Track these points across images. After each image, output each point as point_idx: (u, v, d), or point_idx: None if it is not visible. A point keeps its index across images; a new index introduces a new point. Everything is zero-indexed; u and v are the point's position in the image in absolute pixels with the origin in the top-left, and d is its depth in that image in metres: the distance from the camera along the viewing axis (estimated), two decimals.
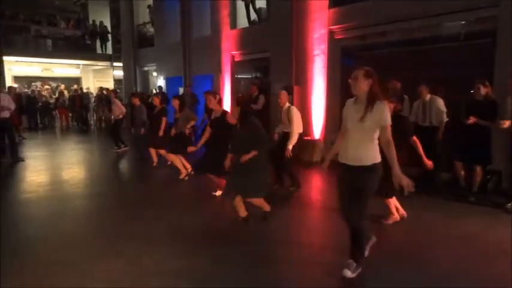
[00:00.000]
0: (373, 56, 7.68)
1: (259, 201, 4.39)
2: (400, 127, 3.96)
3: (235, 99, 4.33)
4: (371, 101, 2.91)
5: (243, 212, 4.39)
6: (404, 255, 3.57)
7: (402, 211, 4.44)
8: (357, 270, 3.14)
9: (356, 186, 3.02)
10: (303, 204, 5.25)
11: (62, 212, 4.94)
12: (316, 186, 6.62)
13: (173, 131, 6.79)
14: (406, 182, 2.88)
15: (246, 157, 4.07)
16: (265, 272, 3.26)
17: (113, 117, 9.97)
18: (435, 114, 5.62)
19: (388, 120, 2.92)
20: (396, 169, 2.90)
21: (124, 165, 8.71)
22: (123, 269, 3.29)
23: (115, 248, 3.73)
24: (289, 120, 5.50)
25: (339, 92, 8.25)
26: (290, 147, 5.35)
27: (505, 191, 5.30)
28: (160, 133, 7.17)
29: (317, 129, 8.54)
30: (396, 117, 3.96)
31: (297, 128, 5.50)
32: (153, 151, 7.62)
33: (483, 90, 5.02)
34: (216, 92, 5.68)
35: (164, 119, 7.21)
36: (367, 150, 2.99)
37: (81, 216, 4.85)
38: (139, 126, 8.67)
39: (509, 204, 4.81)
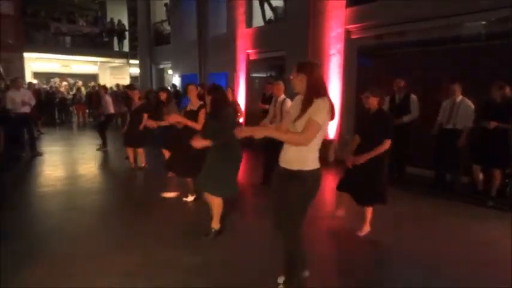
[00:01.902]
0: (391, 56, 7.58)
1: (215, 202, 3.81)
2: (382, 122, 3.84)
3: (207, 88, 3.89)
4: (308, 99, 2.50)
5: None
6: (422, 259, 3.52)
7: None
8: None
9: (281, 193, 2.63)
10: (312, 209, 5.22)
11: (78, 206, 5.03)
12: (329, 187, 6.57)
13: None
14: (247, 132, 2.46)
15: (199, 143, 3.60)
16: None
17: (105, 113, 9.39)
18: (462, 117, 5.34)
19: (315, 116, 2.44)
20: (267, 132, 2.51)
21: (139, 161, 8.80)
22: (138, 263, 3.33)
23: (130, 242, 3.78)
24: (281, 114, 5.11)
25: (355, 93, 8.18)
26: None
27: None
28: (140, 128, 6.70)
29: (331, 130, 8.48)
30: (379, 112, 3.94)
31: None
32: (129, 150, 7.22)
33: (501, 92, 4.90)
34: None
35: (145, 115, 6.70)
36: (294, 152, 2.55)
37: (97, 210, 4.94)
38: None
39: None
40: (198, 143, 3.62)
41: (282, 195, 2.61)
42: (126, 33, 20.50)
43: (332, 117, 2.58)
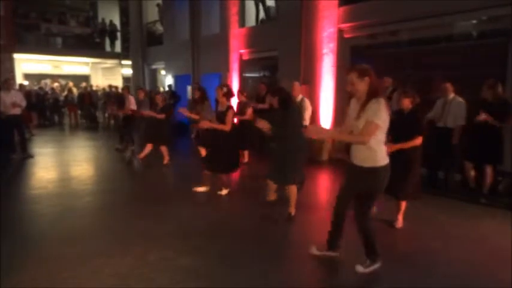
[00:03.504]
0: (383, 55, 7.62)
1: (292, 190, 4.39)
2: (416, 121, 4.06)
3: (272, 91, 4.44)
4: (367, 99, 2.83)
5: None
6: (416, 257, 3.53)
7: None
8: (370, 267, 3.15)
9: (358, 186, 3.05)
10: (309, 204, 5.22)
11: (71, 208, 4.98)
12: (323, 186, 6.58)
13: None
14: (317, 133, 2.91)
15: (263, 125, 4.11)
16: (273, 270, 3.25)
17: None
18: (453, 115, 5.39)
19: (373, 117, 2.75)
20: (333, 135, 3.13)
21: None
22: (131, 265, 3.31)
23: (124, 244, 3.75)
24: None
25: (348, 92, 8.20)
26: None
27: None
28: None
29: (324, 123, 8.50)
30: (412, 112, 4.14)
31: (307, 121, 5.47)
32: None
33: (492, 90, 4.94)
34: (225, 85, 5.54)
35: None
36: (365, 151, 2.92)
37: (90, 213, 4.88)
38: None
39: None
40: (263, 124, 4.10)
41: (358, 187, 3.04)
42: (118, 33, 20.37)
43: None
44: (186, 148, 8.10)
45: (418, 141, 4.00)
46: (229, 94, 5.19)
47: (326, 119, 8.52)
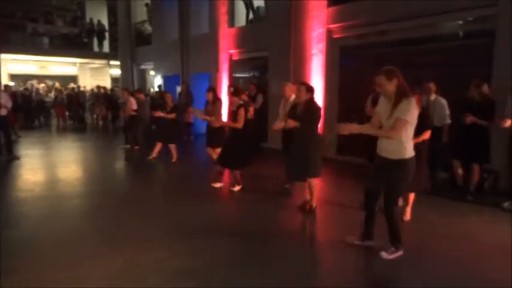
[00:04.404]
0: (372, 55, 7.68)
1: (314, 183, 4.58)
2: (423, 118, 4.01)
3: (302, 84, 4.59)
4: (398, 99, 3.07)
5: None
6: (404, 254, 3.56)
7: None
8: (394, 254, 3.35)
9: (387, 178, 3.26)
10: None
11: (59, 210, 4.91)
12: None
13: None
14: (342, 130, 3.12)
15: (292, 124, 4.35)
16: (269, 271, 3.25)
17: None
18: (437, 115, 5.40)
19: (404, 115, 3.03)
20: (364, 130, 3.24)
21: (120, 163, 8.68)
22: (122, 267, 3.27)
23: (115, 246, 3.71)
24: None
25: (337, 92, 8.26)
26: None
27: (502, 191, 5.31)
28: None
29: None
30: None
31: None
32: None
33: (479, 90, 5.02)
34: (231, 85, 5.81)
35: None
36: (394, 145, 3.16)
37: (79, 215, 4.82)
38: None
39: (506, 203, 4.83)
40: (292, 123, 4.34)
41: (389, 179, 3.24)
42: (106, 33, 20.15)
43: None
44: (181, 148, 8.18)
45: (427, 135, 4.16)
46: (237, 93, 5.52)
47: None
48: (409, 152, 3.20)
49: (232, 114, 5.45)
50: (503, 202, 4.88)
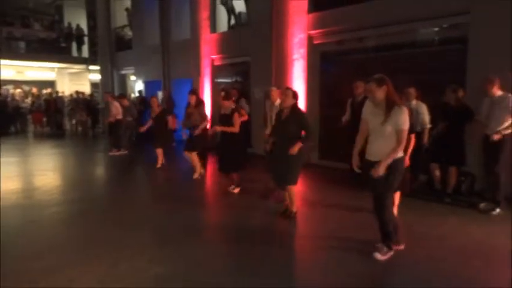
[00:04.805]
0: (351, 61, 7.82)
1: (293, 190, 4.58)
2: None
3: (287, 88, 4.74)
4: (389, 106, 3.23)
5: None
6: (387, 258, 3.62)
7: None
8: (387, 254, 3.48)
9: (379, 180, 3.34)
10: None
11: (36, 219, 4.78)
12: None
13: None
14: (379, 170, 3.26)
15: (295, 149, 4.32)
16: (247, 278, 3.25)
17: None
18: (417, 120, 5.46)
19: (403, 125, 3.22)
20: (388, 161, 3.27)
21: (100, 169, 8.53)
22: (102, 275, 3.21)
23: (93, 255, 3.64)
24: None
25: (318, 96, 8.36)
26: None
27: (478, 193, 5.48)
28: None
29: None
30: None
31: None
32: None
33: (455, 95, 5.18)
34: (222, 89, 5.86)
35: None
36: (387, 148, 3.30)
37: (56, 224, 4.71)
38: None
39: (482, 205, 4.99)
40: (293, 149, 4.35)
41: (381, 181, 3.33)
42: (85, 38, 19.80)
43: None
44: (165, 153, 8.13)
45: (412, 139, 4.15)
46: (228, 96, 5.59)
47: None
48: (399, 153, 3.36)
49: (225, 119, 5.49)
50: (479, 203, 5.04)
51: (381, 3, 6.85)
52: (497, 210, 4.84)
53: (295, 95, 4.57)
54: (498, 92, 4.78)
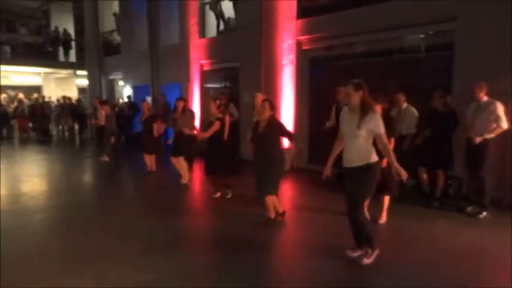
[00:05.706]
0: (340, 67, 7.89)
1: (273, 198, 4.54)
2: (388, 125, 4.15)
3: (266, 100, 4.67)
4: (364, 111, 3.27)
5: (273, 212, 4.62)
6: (373, 260, 3.63)
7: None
8: (373, 255, 3.49)
9: (355, 184, 3.39)
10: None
11: (23, 226, 4.68)
12: (286, 196, 6.65)
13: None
14: (403, 173, 3.27)
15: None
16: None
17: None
18: (406, 124, 5.56)
19: (381, 129, 3.29)
20: (395, 163, 3.29)
21: (87, 175, 8.41)
22: (89, 284, 3.14)
23: (80, 262, 3.56)
24: None
25: (308, 102, 8.41)
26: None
27: (465, 196, 5.55)
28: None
29: (285, 139, 8.60)
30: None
31: None
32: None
33: (442, 100, 5.26)
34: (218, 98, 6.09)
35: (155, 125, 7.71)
36: (360, 152, 3.35)
37: (42, 230, 4.61)
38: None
39: (470, 208, 5.06)
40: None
41: (357, 184, 3.37)
42: (73, 42, 19.59)
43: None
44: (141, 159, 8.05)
45: (392, 143, 4.25)
46: (218, 106, 5.73)
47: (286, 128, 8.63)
48: (374, 157, 3.39)
49: (209, 125, 5.65)
50: (466, 207, 5.11)
51: (369, 9, 6.94)
52: (484, 213, 4.92)
53: (272, 107, 4.56)
54: (485, 98, 4.88)
